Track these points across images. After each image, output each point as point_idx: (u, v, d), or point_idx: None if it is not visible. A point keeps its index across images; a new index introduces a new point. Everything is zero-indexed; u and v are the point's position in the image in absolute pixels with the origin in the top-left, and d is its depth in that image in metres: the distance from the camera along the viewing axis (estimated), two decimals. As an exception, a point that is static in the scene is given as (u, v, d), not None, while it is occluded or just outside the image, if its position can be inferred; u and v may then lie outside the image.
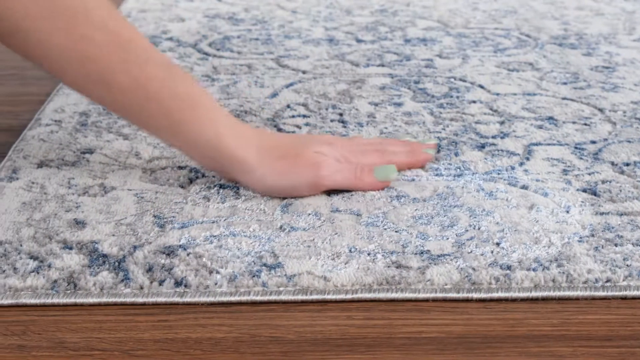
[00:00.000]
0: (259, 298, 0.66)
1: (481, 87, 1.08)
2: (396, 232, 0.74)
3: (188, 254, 0.70)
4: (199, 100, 0.78)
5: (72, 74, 0.75)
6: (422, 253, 0.70)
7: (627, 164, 0.86)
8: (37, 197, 0.80)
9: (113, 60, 0.74)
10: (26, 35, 0.73)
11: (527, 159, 0.88)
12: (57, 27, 0.72)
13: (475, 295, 0.66)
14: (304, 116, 0.99)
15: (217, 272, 0.68)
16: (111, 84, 0.75)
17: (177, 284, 0.67)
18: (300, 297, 0.66)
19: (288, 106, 1.02)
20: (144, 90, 0.75)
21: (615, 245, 0.71)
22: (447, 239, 0.73)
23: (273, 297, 0.66)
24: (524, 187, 0.82)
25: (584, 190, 0.81)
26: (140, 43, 0.76)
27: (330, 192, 0.80)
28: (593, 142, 0.92)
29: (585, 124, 0.96)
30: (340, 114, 0.99)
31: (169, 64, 0.77)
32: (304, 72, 1.14)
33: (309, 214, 0.77)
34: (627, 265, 0.69)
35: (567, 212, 0.77)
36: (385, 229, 0.74)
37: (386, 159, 0.82)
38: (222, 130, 0.78)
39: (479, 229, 0.74)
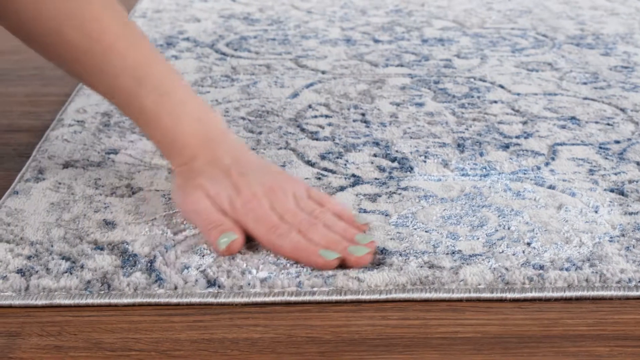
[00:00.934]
0: (293, 299, 0.66)
1: (501, 87, 1.08)
2: (426, 232, 0.74)
3: (220, 255, 0.70)
4: (164, 118, 0.77)
5: (58, 63, 0.80)
6: (453, 253, 0.70)
7: (653, 164, 0.86)
8: (65, 197, 0.80)
9: (90, 68, 0.77)
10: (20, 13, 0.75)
11: (553, 159, 0.88)
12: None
13: (509, 295, 0.66)
14: (327, 116, 0.99)
15: (250, 273, 0.68)
16: (90, 85, 0.80)
17: (211, 284, 0.67)
18: (334, 298, 0.66)
19: (310, 106, 1.02)
20: (116, 99, 0.79)
21: (647, 245, 0.71)
22: (478, 238, 0.73)
23: (307, 298, 0.66)
24: (551, 187, 0.82)
25: (612, 190, 0.81)
26: (118, 50, 0.76)
27: (357, 193, 0.81)
28: (617, 142, 0.92)
29: (608, 124, 0.96)
30: (363, 114, 0.99)
31: (143, 74, 0.77)
32: (323, 72, 1.14)
33: (338, 214, 0.77)
34: (660, 265, 0.69)
35: (596, 212, 0.77)
36: (415, 229, 0.74)
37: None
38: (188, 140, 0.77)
39: (508, 228, 0.74)
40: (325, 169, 0.85)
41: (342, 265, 0.69)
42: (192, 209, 0.74)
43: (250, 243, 0.72)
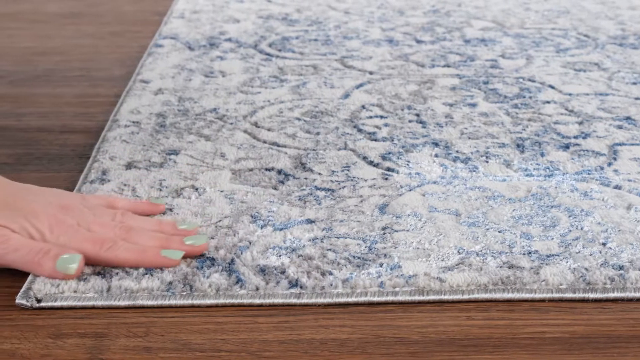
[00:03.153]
0: (376, 299, 0.66)
1: (552, 87, 1.08)
2: (499, 232, 0.74)
3: (298, 256, 0.70)
4: None
5: None
6: (530, 253, 0.70)
7: None
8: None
9: None
10: None
11: (614, 159, 0.88)
12: None
13: (591, 296, 0.66)
14: (382, 117, 0.99)
15: (330, 274, 0.68)
16: None
17: (292, 285, 0.67)
18: (417, 298, 0.66)
19: (363, 107, 1.02)
20: None
21: None
22: (552, 239, 0.73)
23: (390, 298, 0.66)
24: (617, 187, 0.82)
25: (679, 190, 0.81)
26: None
27: (425, 192, 0.81)
28: (676, 142, 0.92)
29: (665, 124, 0.96)
30: (417, 115, 0.99)
31: None
32: (370, 73, 1.14)
33: (409, 215, 0.77)
34: None
35: (666, 212, 0.77)
36: (488, 229, 0.74)
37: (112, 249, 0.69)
38: None
39: (582, 229, 0.74)
40: (389, 169, 0.85)
41: (184, 256, 0.69)
42: (5, 250, 0.67)
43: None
